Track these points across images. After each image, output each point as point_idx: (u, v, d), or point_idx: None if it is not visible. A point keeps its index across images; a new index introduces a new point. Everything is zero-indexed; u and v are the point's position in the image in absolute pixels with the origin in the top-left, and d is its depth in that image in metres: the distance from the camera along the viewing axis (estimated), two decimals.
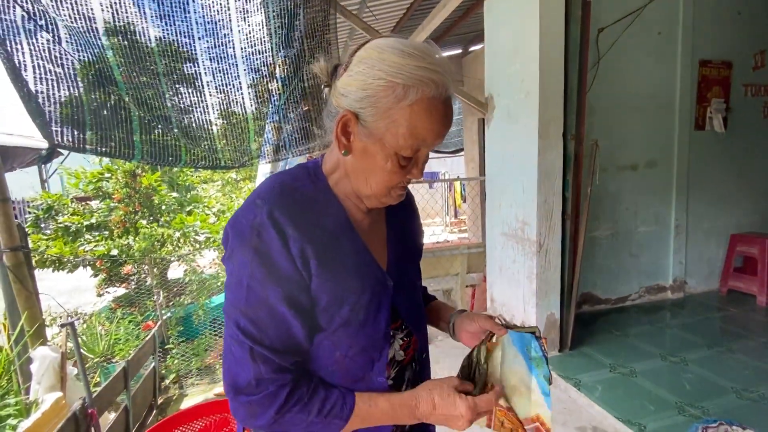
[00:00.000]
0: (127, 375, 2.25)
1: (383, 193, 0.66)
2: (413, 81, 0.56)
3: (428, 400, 0.64)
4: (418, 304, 0.82)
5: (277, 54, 2.45)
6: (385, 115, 0.58)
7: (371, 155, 0.62)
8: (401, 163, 0.62)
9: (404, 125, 0.58)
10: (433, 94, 0.57)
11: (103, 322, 3.25)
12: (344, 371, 0.67)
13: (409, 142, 0.59)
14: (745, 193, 3.71)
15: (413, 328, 0.76)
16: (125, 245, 3.31)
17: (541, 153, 2.46)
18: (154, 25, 2.28)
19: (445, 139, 2.94)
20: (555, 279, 2.60)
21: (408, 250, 0.82)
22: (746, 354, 2.56)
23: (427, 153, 0.65)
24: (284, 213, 0.61)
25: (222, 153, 2.57)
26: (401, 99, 0.57)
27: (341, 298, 0.64)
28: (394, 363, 0.73)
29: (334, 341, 0.66)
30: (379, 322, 0.68)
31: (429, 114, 0.58)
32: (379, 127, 0.59)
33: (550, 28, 2.39)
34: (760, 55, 3.61)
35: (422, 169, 0.66)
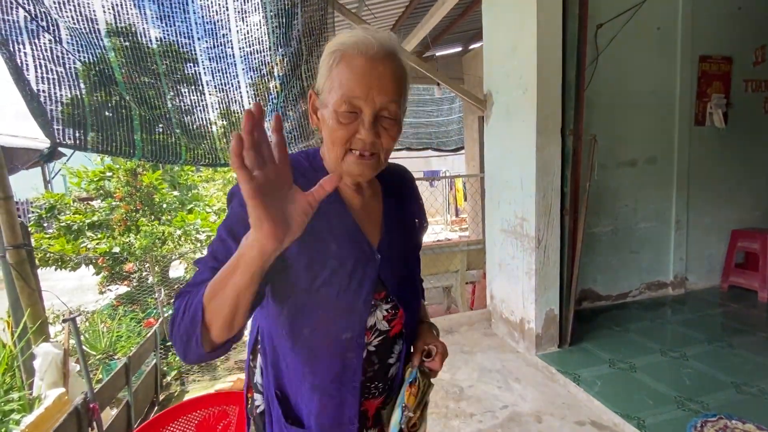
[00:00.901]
0: (129, 371, 2.27)
1: (340, 155, 0.69)
2: (340, 46, 0.67)
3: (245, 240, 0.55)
4: (409, 282, 0.86)
5: (275, 53, 2.46)
6: (327, 81, 0.68)
7: (324, 120, 0.69)
8: (340, 120, 0.67)
9: (335, 83, 0.66)
10: (354, 52, 0.66)
11: (105, 319, 3.28)
12: (325, 330, 0.72)
13: (338, 95, 0.66)
14: (746, 188, 3.70)
15: (400, 302, 0.80)
16: (127, 243, 3.33)
17: (539, 149, 2.47)
18: (155, 26, 2.31)
19: (445, 137, 2.96)
20: (554, 275, 2.61)
21: (403, 234, 0.86)
22: (747, 349, 2.55)
23: (373, 113, 0.67)
24: None
25: (221, 151, 2.59)
26: (332, 63, 0.67)
27: (323, 262, 0.70)
28: (376, 331, 0.77)
29: (316, 301, 0.71)
30: (361, 290, 0.73)
31: (348, 66, 0.66)
32: (326, 93, 0.68)
33: (548, 24, 2.39)
34: (760, 50, 3.60)
35: (371, 130, 0.67)
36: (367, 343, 0.76)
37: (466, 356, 2.72)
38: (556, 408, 2.17)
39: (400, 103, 0.71)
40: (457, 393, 2.32)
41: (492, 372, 2.53)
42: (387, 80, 0.67)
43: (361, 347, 0.75)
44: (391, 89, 0.67)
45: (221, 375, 2.89)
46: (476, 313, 3.29)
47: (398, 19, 4.59)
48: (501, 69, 2.82)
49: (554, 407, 2.18)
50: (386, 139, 0.70)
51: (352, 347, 0.74)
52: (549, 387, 2.36)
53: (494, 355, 2.76)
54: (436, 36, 5.17)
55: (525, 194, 2.61)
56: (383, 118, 0.69)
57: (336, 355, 0.73)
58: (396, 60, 0.69)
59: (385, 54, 0.67)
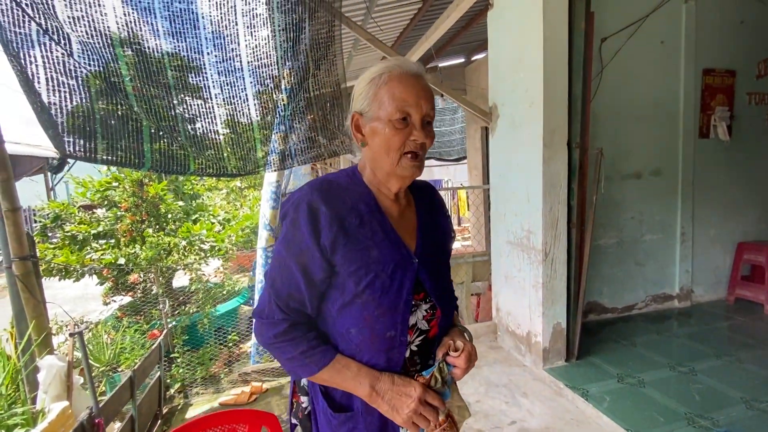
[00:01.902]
0: (134, 384, 2.25)
1: (396, 160, 0.81)
2: (384, 70, 0.81)
3: (390, 377, 0.79)
4: (445, 284, 0.93)
5: (283, 66, 2.49)
6: (375, 99, 0.80)
7: (377, 132, 0.81)
8: (397, 126, 0.79)
9: (387, 97, 0.79)
10: (399, 71, 0.80)
11: (108, 330, 3.26)
12: (371, 330, 0.80)
13: (393, 106, 0.78)
14: (751, 200, 3.69)
15: (437, 302, 0.87)
16: (132, 254, 3.32)
17: (545, 162, 2.47)
18: (166, 41, 2.34)
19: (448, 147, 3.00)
20: (561, 288, 2.59)
21: (437, 243, 0.94)
22: (755, 364, 2.53)
23: (421, 118, 0.80)
24: (320, 196, 0.79)
25: (228, 161, 2.60)
26: (380, 84, 0.80)
27: (367, 266, 0.79)
28: (417, 330, 0.85)
29: (362, 302, 0.79)
30: (402, 290, 0.81)
31: (400, 82, 0.79)
32: (374, 109, 0.80)
33: (554, 38, 2.41)
34: (763, 64, 3.63)
35: (423, 132, 0.80)
36: (409, 341, 0.84)
37: (472, 370, 2.68)
38: (565, 424, 2.14)
39: (434, 112, 0.85)
40: None
41: (499, 387, 2.50)
42: (428, 91, 0.82)
43: (403, 345, 0.82)
44: (431, 98, 0.82)
45: (225, 387, 2.86)
46: (482, 325, 3.27)
47: (403, 31, 4.64)
48: (507, 82, 2.84)
49: (563, 423, 2.15)
50: (430, 141, 0.83)
51: (396, 344, 0.81)
52: (557, 402, 2.34)
53: (501, 369, 2.74)
54: (440, 47, 5.21)
55: (532, 207, 2.61)
56: (427, 124, 0.82)
57: (381, 351, 0.81)
58: (426, 77, 0.85)
59: (422, 72, 0.83)
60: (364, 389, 0.78)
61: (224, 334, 3.41)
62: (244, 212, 5.12)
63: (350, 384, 0.79)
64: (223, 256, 3.81)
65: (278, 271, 0.81)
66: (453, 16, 3.69)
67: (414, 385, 0.79)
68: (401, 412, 0.77)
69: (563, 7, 2.41)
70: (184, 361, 3.05)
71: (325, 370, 0.79)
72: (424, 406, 0.78)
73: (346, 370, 0.79)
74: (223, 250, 3.78)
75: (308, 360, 0.78)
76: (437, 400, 0.80)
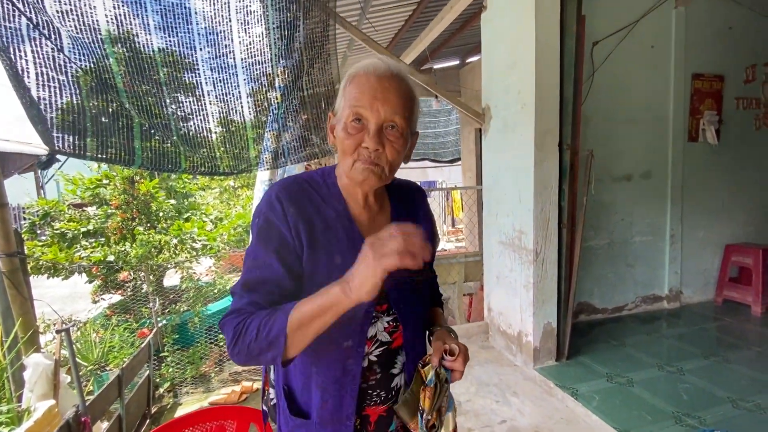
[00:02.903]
0: (122, 383, 2.23)
1: (349, 166, 0.76)
2: (353, 70, 0.77)
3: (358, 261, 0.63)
4: (415, 297, 0.87)
5: (276, 64, 2.48)
6: (342, 101, 0.77)
7: (337, 134, 0.78)
8: (349, 130, 0.75)
9: (347, 99, 0.75)
10: (363, 72, 0.75)
11: (97, 329, 3.22)
12: (328, 337, 0.72)
13: (349, 105, 0.74)
14: (738, 203, 3.75)
15: (399, 316, 0.83)
16: (122, 252, 3.29)
17: (537, 163, 2.49)
18: (157, 36, 2.32)
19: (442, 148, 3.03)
20: (552, 288, 2.61)
21: None
22: (742, 364, 2.57)
23: (378, 125, 0.73)
24: (288, 195, 0.77)
25: (221, 160, 2.59)
26: (346, 83, 0.77)
27: (329, 272, 0.73)
28: (377, 341, 0.81)
29: None
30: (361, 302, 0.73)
31: (359, 85, 0.74)
32: (339, 111, 0.78)
33: (546, 41, 2.44)
34: (751, 69, 3.69)
35: (376, 140, 0.73)
36: (367, 352, 0.80)
37: None
38: (555, 423, 2.15)
39: (408, 119, 0.77)
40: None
41: (490, 386, 2.51)
42: (392, 94, 0.73)
43: (360, 355, 0.78)
44: (396, 103, 0.73)
45: (215, 387, 2.84)
46: (473, 325, 3.28)
47: (398, 32, 4.66)
48: (500, 84, 2.87)
49: (552, 422, 2.16)
50: (390, 151, 0.75)
51: (352, 355, 0.78)
52: (547, 401, 2.35)
53: (492, 368, 2.75)
54: (435, 49, 5.24)
55: (523, 207, 2.63)
56: (389, 130, 0.75)
57: (338, 360, 0.78)
58: (403, 80, 0.76)
59: (392, 73, 0.75)
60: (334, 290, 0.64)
61: (215, 333, 3.38)
62: (237, 211, 5.09)
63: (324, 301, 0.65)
64: (215, 254, 3.79)
65: (258, 272, 0.74)
66: (447, 18, 3.72)
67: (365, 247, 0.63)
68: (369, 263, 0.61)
69: (555, 11, 2.44)
70: (174, 360, 3.02)
71: (291, 321, 0.66)
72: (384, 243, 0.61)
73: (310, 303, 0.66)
74: (214, 248, 3.75)
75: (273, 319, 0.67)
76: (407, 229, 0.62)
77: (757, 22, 3.60)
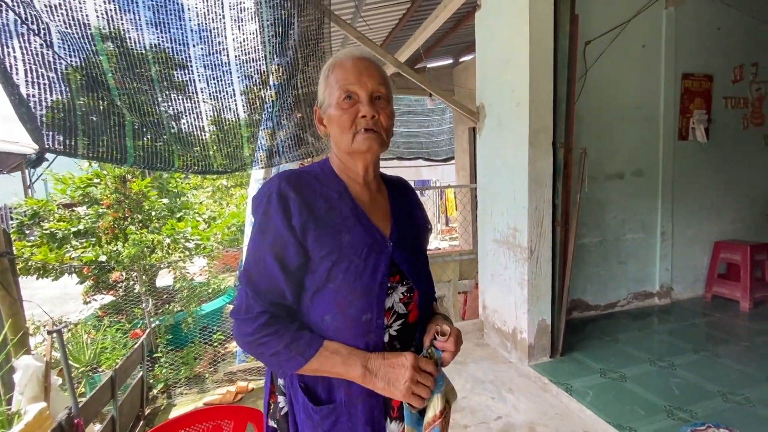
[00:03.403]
0: (115, 384, 2.20)
1: (351, 138, 0.83)
2: (333, 59, 0.86)
3: (380, 354, 0.77)
4: (423, 267, 0.93)
5: (271, 62, 2.46)
6: (327, 89, 0.85)
7: (331, 117, 0.84)
8: (344, 107, 0.82)
9: (333, 84, 0.84)
10: (342, 58, 0.85)
11: (89, 330, 3.17)
12: (345, 315, 0.78)
13: (338, 86, 0.83)
14: (727, 201, 3.82)
15: (414, 284, 0.86)
16: (114, 251, 3.24)
17: (531, 161, 2.51)
18: (149, 32, 2.29)
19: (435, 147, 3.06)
20: (546, 285, 2.64)
21: (412, 231, 0.96)
22: (731, 358, 2.62)
23: (369, 95, 0.82)
24: (289, 184, 0.81)
25: (214, 158, 2.57)
26: (328, 74, 0.85)
27: (339, 250, 0.79)
28: (394, 313, 0.84)
29: (335, 287, 0.79)
30: (377, 273, 0.81)
31: (342, 67, 0.84)
32: (328, 98, 0.85)
33: (540, 40, 2.45)
34: (738, 69, 3.76)
35: (370, 107, 0.82)
36: (387, 325, 0.82)
37: (459, 367, 2.71)
38: (550, 419, 2.18)
39: (388, 91, 0.87)
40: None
41: (485, 383, 2.53)
42: (373, 69, 0.84)
43: (381, 328, 0.81)
44: (378, 75, 0.84)
45: (210, 387, 2.81)
46: (468, 323, 3.29)
47: (392, 30, 4.65)
48: (494, 82, 2.88)
49: (547, 418, 2.18)
50: (384, 117, 0.84)
51: (373, 328, 0.80)
52: (542, 397, 2.37)
53: (487, 365, 2.77)
54: (429, 48, 5.24)
55: (518, 205, 2.65)
56: (377, 99, 0.84)
57: (359, 335, 0.79)
58: (377, 62, 0.87)
59: (366, 56, 0.86)
60: (356, 371, 0.76)
61: (209, 334, 3.35)
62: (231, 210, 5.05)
63: (341, 369, 0.77)
64: (209, 254, 3.75)
65: (254, 266, 0.79)
66: (442, 17, 3.72)
67: (405, 355, 0.77)
68: (398, 385, 0.75)
69: (549, 10, 2.45)
70: (168, 360, 2.99)
71: (313, 359, 0.76)
72: (419, 374, 0.76)
73: (336, 355, 0.76)
74: (208, 248, 3.72)
75: (294, 351, 0.75)
76: (430, 365, 0.79)
77: (744, 23, 3.66)
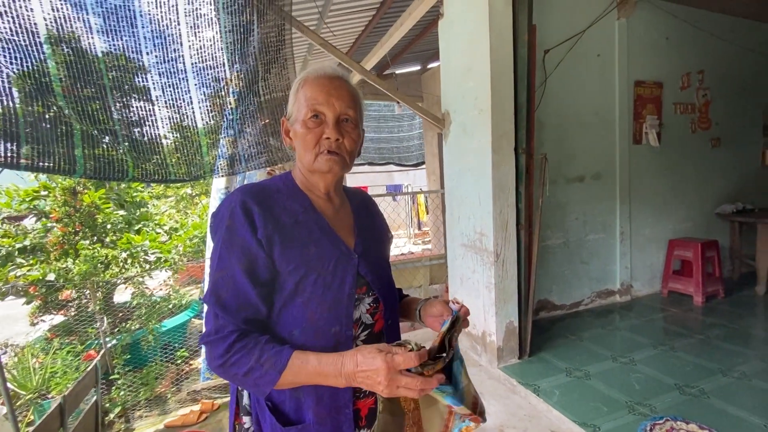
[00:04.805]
0: (64, 412, 2.04)
1: (313, 157, 0.83)
2: (303, 75, 0.86)
3: (352, 358, 0.71)
4: (387, 278, 0.94)
5: (230, 69, 2.40)
6: (296, 103, 0.85)
7: (297, 133, 0.84)
8: (309, 125, 0.82)
9: (302, 99, 0.83)
10: (314, 75, 0.84)
11: (37, 354, 2.95)
12: (315, 328, 0.78)
13: (305, 105, 0.82)
14: (679, 201, 4.04)
15: (380, 295, 0.88)
16: (63, 269, 3.03)
17: (494, 167, 2.56)
18: (100, 39, 2.19)
19: (406, 152, 3.06)
20: (512, 287, 2.68)
21: (376, 241, 0.97)
22: (686, 351, 2.75)
23: (336, 117, 0.82)
24: (253, 198, 0.80)
25: (172, 167, 2.46)
26: (298, 88, 0.85)
27: (307, 264, 0.79)
28: (361, 324, 0.85)
29: (304, 300, 0.78)
30: (344, 285, 0.82)
31: (312, 85, 0.83)
32: (295, 113, 0.84)
33: (500, 49, 2.51)
34: (686, 77, 4.00)
35: (335, 130, 0.82)
36: (355, 336, 0.83)
37: None
38: (519, 420, 2.20)
39: (357, 113, 0.86)
40: None
41: None
42: (343, 91, 0.83)
43: (349, 339, 0.81)
44: (348, 98, 0.83)
45: (172, 408, 2.67)
46: None
47: (358, 37, 4.66)
48: (457, 89, 2.92)
49: (516, 419, 2.21)
50: (348, 141, 0.84)
51: (341, 339, 0.80)
52: (511, 399, 2.40)
53: None
54: (396, 54, 5.28)
55: (483, 210, 2.69)
56: (344, 122, 0.84)
57: (327, 348, 0.78)
58: (348, 82, 0.87)
59: (339, 75, 0.85)
60: (333, 380, 0.71)
61: (171, 351, 3.19)
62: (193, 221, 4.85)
63: (316, 380, 0.73)
64: (170, 267, 3.59)
65: (222, 284, 0.76)
66: (407, 24, 3.75)
67: (377, 358, 0.67)
68: (379, 390, 0.68)
69: (507, 20, 2.52)
70: (126, 382, 2.82)
71: (286, 371, 0.72)
72: (398, 376, 0.66)
73: (306, 365, 0.72)
74: (169, 261, 3.55)
75: (266, 366, 0.72)
76: (410, 357, 0.66)
77: (690, 33, 3.90)
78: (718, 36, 4.02)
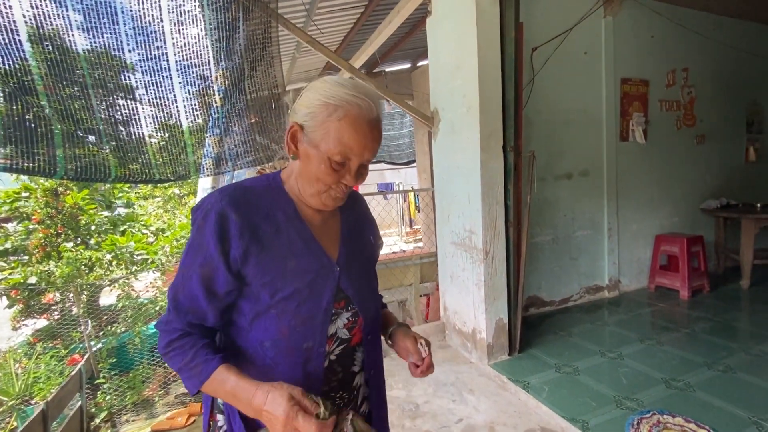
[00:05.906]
0: (47, 418, 2.00)
1: (321, 191, 0.78)
2: (342, 102, 0.73)
3: (263, 395, 0.68)
4: (369, 291, 0.91)
5: (216, 66, 2.36)
6: (321, 127, 0.73)
7: (311, 158, 0.76)
8: (333, 167, 0.75)
9: (334, 135, 0.73)
10: (356, 114, 0.73)
11: (20, 358, 2.88)
12: (287, 341, 0.76)
13: (337, 149, 0.73)
14: (665, 197, 4.10)
15: (360, 309, 0.85)
16: (45, 272, 2.97)
17: (483, 164, 2.56)
18: (81, 37, 2.14)
19: (397, 151, 3.05)
20: (502, 285, 2.69)
21: (362, 250, 0.93)
22: (673, 345, 2.79)
23: (359, 164, 0.77)
24: (232, 203, 0.75)
25: (156, 167, 2.42)
26: (332, 114, 0.73)
27: (283, 276, 0.76)
28: (337, 339, 0.82)
29: (278, 313, 0.76)
30: (321, 300, 0.79)
31: (353, 128, 0.73)
32: (317, 136, 0.74)
33: (487, 46, 2.51)
34: (671, 74, 4.05)
35: (355, 177, 0.78)
36: (328, 351, 0.81)
37: None
38: (509, 417, 2.21)
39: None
40: (412, 410, 2.29)
41: (447, 385, 2.54)
42: (377, 134, 0.77)
43: (321, 356, 0.79)
44: (378, 144, 0.78)
45: (160, 412, 2.64)
46: (430, 325, 3.31)
47: (346, 35, 4.63)
48: (446, 87, 2.92)
49: (506, 416, 2.22)
50: (361, 181, 0.81)
51: (313, 356, 0.78)
52: (501, 396, 2.41)
53: (449, 367, 2.78)
54: (386, 52, 5.27)
55: (472, 208, 2.69)
56: (363, 166, 0.79)
57: (298, 364, 0.77)
58: (381, 121, 0.80)
59: (378, 118, 0.77)
60: (245, 407, 0.70)
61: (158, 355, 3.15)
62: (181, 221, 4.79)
63: (231, 400, 0.73)
64: (157, 268, 3.53)
65: (180, 282, 0.76)
66: (395, 22, 3.74)
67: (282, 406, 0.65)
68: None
69: (495, 18, 2.52)
70: (112, 386, 2.77)
71: (206, 384, 0.72)
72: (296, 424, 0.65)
73: (224, 384, 0.71)
74: (156, 262, 3.49)
75: (193, 371, 0.73)
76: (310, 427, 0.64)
77: (675, 31, 3.95)
78: (702, 34, 4.08)
